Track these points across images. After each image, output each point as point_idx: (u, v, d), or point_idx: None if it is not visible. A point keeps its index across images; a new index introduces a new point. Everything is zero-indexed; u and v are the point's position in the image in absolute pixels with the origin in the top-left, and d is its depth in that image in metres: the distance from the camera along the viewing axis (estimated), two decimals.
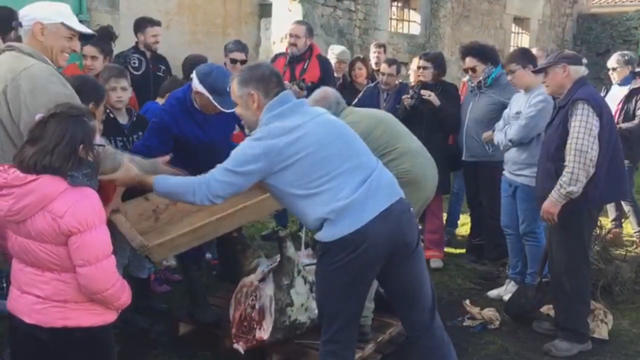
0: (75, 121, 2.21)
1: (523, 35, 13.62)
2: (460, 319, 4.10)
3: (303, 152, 2.51)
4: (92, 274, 2.17)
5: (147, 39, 5.01)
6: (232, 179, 2.56)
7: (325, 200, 2.49)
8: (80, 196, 2.17)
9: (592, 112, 3.47)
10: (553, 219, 3.60)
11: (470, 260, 5.18)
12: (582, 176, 3.46)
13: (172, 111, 3.48)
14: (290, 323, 3.21)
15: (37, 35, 2.62)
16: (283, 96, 2.65)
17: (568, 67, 3.63)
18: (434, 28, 10.97)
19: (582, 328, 3.71)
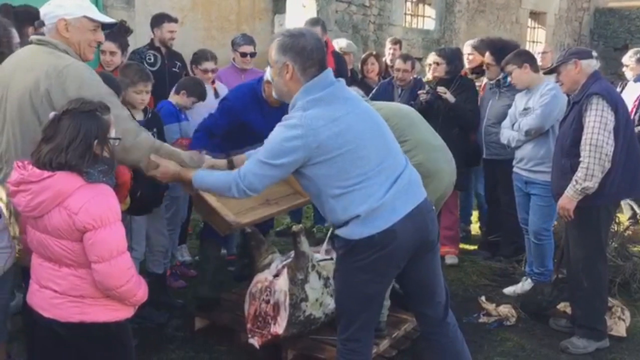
0: (89, 116, 2.21)
1: (539, 30, 13.48)
2: (475, 315, 4.08)
3: (344, 148, 2.38)
4: (107, 270, 2.18)
5: (163, 34, 5.02)
6: (268, 171, 2.45)
7: (358, 200, 2.41)
8: (96, 193, 2.18)
9: (607, 106, 3.43)
10: (569, 215, 3.57)
11: (485, 257, 5.16)
12: (598, 171, 3.42)
13: (244, 99, 3.76)
14: (304, 318, 3.21)
15: (63, 32, 2.62)
16: (324, 78, 2.46)
17: (579, 62, 3.61)
18: (448, 23, 10.90)
19: (600, 325, 3.68)
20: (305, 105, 2.40)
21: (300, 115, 2.38)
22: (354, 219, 2.42)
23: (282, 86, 2.51)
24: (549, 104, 4.14)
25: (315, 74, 2.43)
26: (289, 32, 2.50)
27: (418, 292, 2.69)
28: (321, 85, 2.43)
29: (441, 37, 10.78)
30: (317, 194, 2.50)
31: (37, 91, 2.50)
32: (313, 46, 2.44)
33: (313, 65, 2.43)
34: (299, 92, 2.43)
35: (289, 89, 2.48)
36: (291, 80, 2.46)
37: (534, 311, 4.07)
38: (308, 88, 2.42)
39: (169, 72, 4.88)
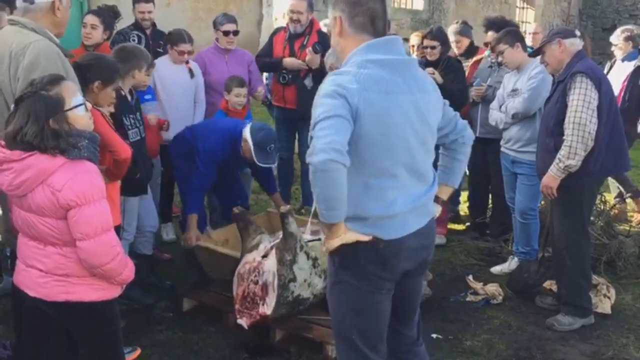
0: (35, 99, 2.15)
1: (528, 10, 13.47)
2: (463, 294, 4.12)
3: (383, 128, 2.07)
4: (91, 247, 2.17)
5: (136, 14, 5.00)
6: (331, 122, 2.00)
7: (372, 200, 2.12)
8: (79, 170, 2.16)
9: (591, 84, 3.45)
10: (552, 194, 3.60)
11: (472, 237, 5.18)
12: (581, 149, 3.45)
13: (226, 151, 3.98)
14: (293, 299, 3.22)
15: (55, 11, 2.67)
16: (393, 42, 2.16)
17: (563, 41, 3.63)
18: (437, 3, 10.85)
19: (584, 302, 3.72)
20: (362, 63, 2.09)
21: (355, 72, 2.07)
22: (358, 220, 2.12)
23: (336, 46, 2.24)
24: (536, 88, 4.14)
25: (366, 26, 2.14)
26: None
27: (400, 310, 2.39)
28: (386, 49, 2.14)
29: (430, 17, 10.73)
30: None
31: (1, 70, 2.53)
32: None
33: (362, 14, 2.14)
34: (359, 47, 2.13)
35: (342, 48, 2.21)
36: (341, 35, 2.19)
37: (521, 289, 4.11)
38: (371, 46, 2.12)
39: (153, 52, 4.82)
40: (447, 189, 2.49)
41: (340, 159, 1.92)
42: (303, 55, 5.10)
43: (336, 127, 1.96)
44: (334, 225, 2.05)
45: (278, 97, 5.40)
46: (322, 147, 1.93)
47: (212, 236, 3.98)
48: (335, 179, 1.94)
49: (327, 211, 2.01)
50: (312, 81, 5.20)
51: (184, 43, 4.60)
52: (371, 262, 2.15)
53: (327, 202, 1.99)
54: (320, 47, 5.06)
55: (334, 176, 1.94)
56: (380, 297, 2.22)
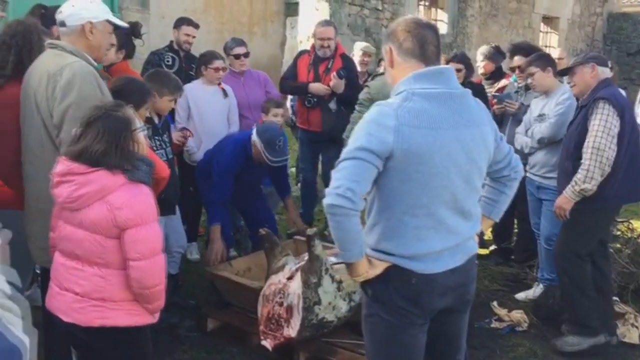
0: (106, 118, 2.24)
1: (552, 34, 13.45)
2: (487, 320, 4.08)
3: (425, 166, 2.00)
4: (147, 267, 2.19)
5: (179, 35, 5.10)
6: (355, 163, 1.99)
7: (406, 236, 2.05)
8: (138, 191, 2.23)
9: (613, 111, 3.46)
10: (565, 215, 3.61)
11: (497, 263, 5.14)
12: (598, 174, 3.44)
13: (239, 159, 4.14)
14: (317, 321, 3.22)
15: (87, 34, 2.70)
16: (441, 72, 2.09)
17: (597, 67, 3.65)
18: (461, 27, 10.90)
19: (589, 322, 3.68)
20: (407, 96, 2.02)
21: (398, 105, 2.00)
22: (390, 255, 2.08)
23: (388, 77, 2.20)
24: (564, 114, 4.12)
25: (415, 51, 2.07)
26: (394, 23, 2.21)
27: (440, 349, 2.32)
28: (436, 80, 2.06)
29: (453, 41, 10.78)
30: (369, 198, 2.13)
31: (39, 91, 2.60)
32: (412, 21, 2.13)
33: (410, 39, 2.08)
34: (407, 77, 2.06)
35: (393, 79, 2.15)
36: (392, 66, 2.14)
37: (546, 316, 4.06)
38: (419, 76, 2.06)
39: (186, 75, 4.91)
40: (487, 222, 2.41)
41: (347, 205, 1.92)
42: (327, 78, 5.17)
43: (352, 171, 1.95)
44: (353, 264, 2.06)
45: (302, 120, 5.46)
46: (331, 191, 1.96)
47: (233, 264, 4.00)
48: (342, 223, 1.96)
49: (341, 251, 2.05)
50: (337, 104, 5.25)
51: (217, 60, 4.71)
52: (402, 297, 2.10)
53: (339, 243, 2.03)
54: (344, 72, 5.14)
55: (341, 220, 1.96)
56: (412, 331, 2.16)
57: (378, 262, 2.09)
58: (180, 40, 5.11)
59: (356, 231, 2.00)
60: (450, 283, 2.14)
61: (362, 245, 2.04)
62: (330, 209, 1.95)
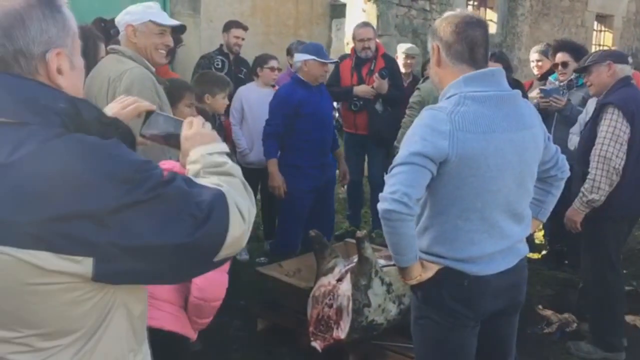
0: None
1: (606, 33, 13.04)
2: (540, 326, 3.98)
3: (480, 171, 1.98)
4: (215, 278, 2.11)
5: (229, 38, 5.19)
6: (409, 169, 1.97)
7: (457, 242, 2.04)
8: None
9: (622, 117, 3.32)
10: (576, 227, 3.50)
11: (550, 267, 5.02)
12: (605, 184, 3.32)
13: (287, 87, 4.40)
14: (367, 324, 3.21)
15: (131, 38, 2.75)
16: (493, 75, 2.05)
17: (614, 65, 3.51)
18: (511, 27, 10.69)
19: (610, 337, 3.57)
20: (459, 100, 1.99)
21: (451, 110, 1.97)
22: (443, 258, 2.07)
23: (434, 76, 2.16)
24: None
25: (465, 55, 2.02)
26: (440, 17, 2.17)
27: (491, 352, 2.30)
28: (487, 82, 2.03)
29: (503, 41, 10.58)
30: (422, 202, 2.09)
31: (100, 96, 2.64)
32: (461, 21, 2.04)
33: (460, 42, 2.02)
34: (457, 80, 2.02)
35: (439, 79, 2.11)
36: (439, 65, 2.09)
37: None
38: (469, 79, 2.01)
39: (235, 78, 4.99)
40: (535, 223, 2.40)
41: (403, 210, 1.91)
42: (371, 80, 5.16)
43: (407, 176, 1.93)
44: (406, 268, 2.06)
45: (349, 124, 5.46)
46: (387, 196, 1.94)
47: (283, 265, 4.03)
48: (398, 228, 1.95)
49: (395, 255, 2.05)
50: (382, 105, 5.23)
51: (272, 59, 4.81)
52: (454, 299, 2.09)
53: (394, 248, 2.02)
54: (386, 72, 5.13)
55: (397, 225, 1.95)
56: (463, 334, 2.15)
57: (431, 264, 2.08)
58: (230, 43, 5.19)
59: (411, 235, 2.00)
60: (502, 285, 2.12)
61: (416, 250, 2.04)
62: (386, 214, 1.94)
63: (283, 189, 4.33)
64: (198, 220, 1.14)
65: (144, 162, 1.15)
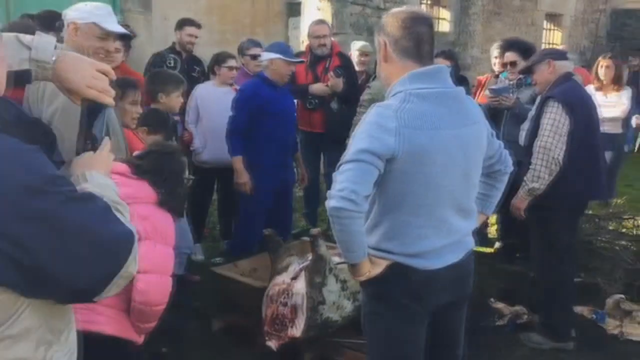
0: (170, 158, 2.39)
1: (555, 32, 13.39)
2: (492, 319, 4.06)
3: (428, 167, 2.00)
4: (157, 283, 2.14)
5: (182, 36, 5.12)
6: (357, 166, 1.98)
7: (409, 235, 2.06)
8: (164, 215, 2.28)
9: (562, 110, 3.46)
10: (521, 215, 3.64)
11: (502, 261, 5.12)
12: (545, 173, 3.46)
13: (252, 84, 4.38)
14: (322, 321, 3.21)
15: (72, 35, 2.67)
16: (439, 71, 2.09)
17: (553, 62, 3.65)
18: (464, 25, 10.87)
19: (559, 326, 3.68)
20: (405, 97, 2.00)
21: (398, 107, 1.98)
22: (392, 253, 2.09)
23: (381, 72, 2.16)
24: None
25: (411, 51, 2.05)
26: (387, 13, 2.18)
27: (440, 344, 2.33)
28: (432, 79, 2.06)
29: (457, 39, 10.75)
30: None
31: (31, 93, 2.54)
32: (407, 17, 2.06)
33: (407, 38, 2.04)
34: (403, 78, 2.04)
35: (386, 74, 2.13)
36: (386, 61, 2.10)
37: None
38: (415, 76, 2.04)
39: (188, 77, 4.93)
40: (481, 217, 2.45)
41: (351, 208, 1.91)
42: (326, 78, 5.17)
43: (355, 173, 1.94)
44: (356, 264, 2.07)
45: (305, 122, 5.45)
46: (335, 193, 1.94)
47: (238, 265, 4.00)
48: (347, 226, 1.96)
49: (345, 252, 2.07)
50: (338, 104, 5.25)
51: (231, 59, 4.76)
52: (403, 293, 2.12)
53: (343, 245, 2.03)
54: (341, 70, 5.14)
55: (345, 223, 1.95)
56: (413, 328, 2.18)
57: (380, 260, 2.10)
58: (183, 41, 5.12)
59: (360, 232, 2.01)
60: (450, 278, 2.17)
61: (365, 246, 2.05)
62: (334, 211, 1.94)
63: (249, 185, 4.30)
64: (88, 255, 1.11)
65: (57, 177, 1.11)
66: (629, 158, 7.12)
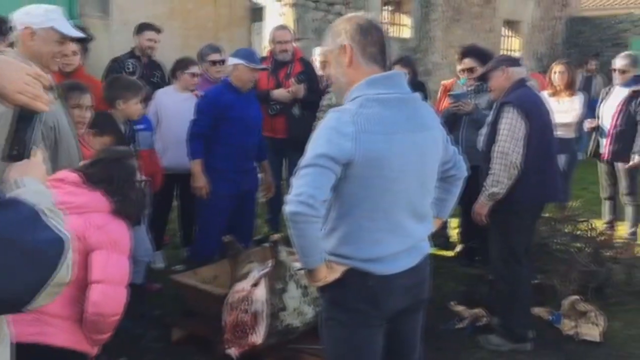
0: (120, 164, 2.35)
1: (514, 38, 13.68)
2: (452, 322, 4.11)
3: (384, 172, 2.01)
4: (112, 293, 2.11)
5: (142, 41, 5.04)
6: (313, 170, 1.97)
7: (366, 240, 2.07)
8: (120, 223, 2.25)
9: (518, 115, 3.54)
10: (481, 220, 3.70)
11: (463, 264, 5.20)
12: (504, 177, 3.54)
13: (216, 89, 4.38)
14: (283, 328, 3.21)
15: (27, 40, 2.59)
16: (396, 77, 2.12)
17: (507, 69, 3.74)
18: (425, 31, 11.01)
19: (516, 328, 3.75)
20: (363, 101, 2.02)
21: (355, 112, 2.00)
22: (348, 258, 2.08)
23: (341, 76, 2.13)
24: None
25: (377, 57, 2.09)
26: (342, 18, 2.19)
27: (397, 349, 2.34)
28: (389, 84, 2.08)
29: (418, 46, 10.88)
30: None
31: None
32: (369, 25, 2.10)
33: (373, 44, 2.08)
34: (360, 83, 2.06)
35: (349, 79, 2.11)
36: (351, 66, 2.09)
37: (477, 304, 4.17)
38: (373, 81, 2.06)
39: (148, 82, 4.87)
40: (437, 221, 2.48)
41: (309, 212, 1.91)
42: (288, 84, 5.18)
43: (313, 178, 1.94)
44: (313, 270, 2.06)
45: (267, 128, 5.43)
46: (292, 198, 1.93)
47: (198, 272, 3.96)
48: (304, 230, 1.95)
49: (302, 257, 2.03)
50: (300, 109, 5.26)
51: (193, 65, 4.71)
52: (360, 299, 2.11)
53: (300, 250, 2.01)
54: (303, 76, 5.16)
55: (303, 227, 1.94)
56: (370, 333, 2.18)
57: (336, 266, 2.10)
58: (142, 46, 5.05)
59: (317, 237, 2.00)
60: (407, 283, 2.17)
61: (322, 252, 2.05)
62: (292, 216, 1.93)
63: (206, 190, 4.28)
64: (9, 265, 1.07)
65: None
66: (584, 162, 7.31)
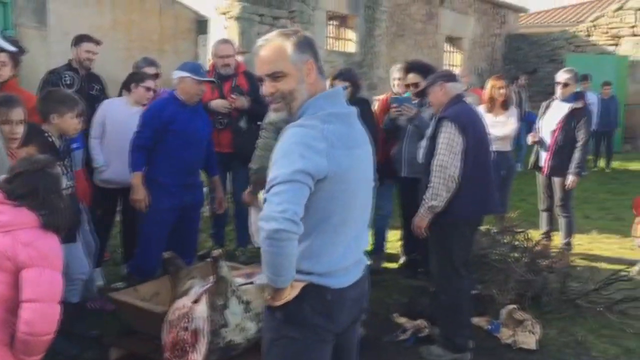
0: (42, 174, 2.27)
1: (456, 54, 14.07)
2: (395, 334, 4.15)
3: (343, 185, 2.04)
4: (44, 312, 2.06)
5: (79, 53, 4.92)
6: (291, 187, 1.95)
7: (327, 253, 2.07)
8: (49, 237, 2.18)
9: (456, 129, 3.66)
10: (421, 233, 3.80)
11: (406, 275, 5.27)
12: (443, 191, 3.64)
13: (160, 102, 4.36)
14: (224, 344, 3.16)
15: None
16: (342, 94, 2.18)
17: (445, 84, 3.87)
18: (370, 47, 11.20)
19: (457, 338, 3.83)
20: (325, 117, 2.03)
21: (322, 128, 1.99)
22: (309, 274, 2.06)
23: (305, 92, 2.08)
24: None
25: (323, 71, 2.14)
26: (293, 31, 2.12)
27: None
28: (338, 100, 2.13)
29: (363, 60, 11.04)
30: None
31: None
32: (309, 37, 2.14)
33: (319, 59, 2.12)
34: (316, 98, 2.07)
35: (310, 94, 2.09)
36: (315, 82, 2.09)
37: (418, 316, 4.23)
38: (328, 96, 2.09)
39: (86, 95, 4.75)
40: None
41: (293, 229, 1.88)
42: (229, 97, 5.18)
43: (294, 194, 1.90)
44: (281, 289, 2.03)
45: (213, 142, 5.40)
46: (275, 215, 1.87)
47: (139, 289, 3.87)
48: (285, 248, 1.91)
49: (274, 276, 1.98)
50: (247, 122, 5.24)
51: (150, 80, 4.65)
52: (317, 314, 2.09)
53: (275, 269, 1.96)
54: (241, 89, 5.17)
55: (285, 245, 1.90)
56: (323, 349, 2.16)
57: (296, 282, 2.06)
58: (80, 58, 4.93)
59: (294, 255, 1.96)
60: (355, 295, 2.19)
61: (294, 269, 2.01)
62: (275, 234, 1.87)
63: (145, 203, 4.21)
64: None
65: None
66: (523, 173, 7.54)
